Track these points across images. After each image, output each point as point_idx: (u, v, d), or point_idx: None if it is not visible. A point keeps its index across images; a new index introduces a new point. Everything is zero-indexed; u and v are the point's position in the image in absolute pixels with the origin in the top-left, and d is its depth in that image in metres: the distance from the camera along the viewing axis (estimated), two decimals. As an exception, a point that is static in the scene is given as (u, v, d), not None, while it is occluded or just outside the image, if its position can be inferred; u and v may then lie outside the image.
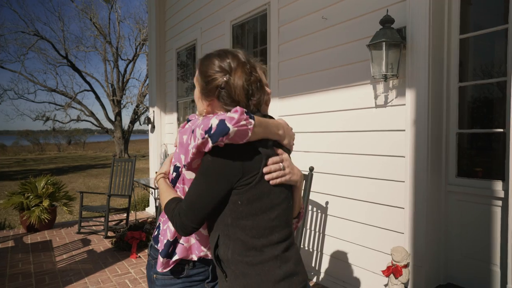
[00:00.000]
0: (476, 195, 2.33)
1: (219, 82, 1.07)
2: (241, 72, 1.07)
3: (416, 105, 2.38)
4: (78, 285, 3.18)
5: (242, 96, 1.07)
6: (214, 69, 1.08)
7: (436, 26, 2.37)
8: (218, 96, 1.08)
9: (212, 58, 1.10)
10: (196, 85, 1.17)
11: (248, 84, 1.07)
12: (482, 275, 2.30)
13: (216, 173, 1.02)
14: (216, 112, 1.11)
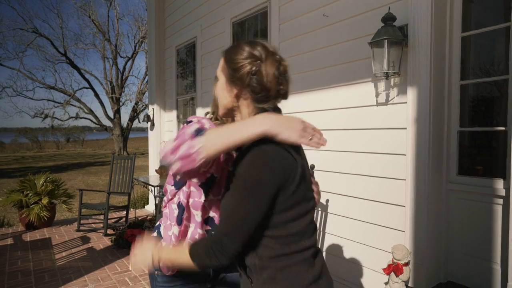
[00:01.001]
0: (477, 193, 2.32)
1: (251, 68, 1.01)
2: (271, 59, 1.03)
3: (417, 103, 2.38)
4: (77, 283, 3.18)
5: (273, 83, 1.02)
6: (244, 55, 1.03)
7: (438, 24, 2.36)
8: (248, 83, 1.02)
9: (242, 46, 1.06)
10: (220, 76, 1.09)
11: (278, 73, 1.04)
12: (482, 273, 2.30)
13: (258, 184, 0.93)
14: (238, 109, 1.06)
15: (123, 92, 22.54)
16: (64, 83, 30.75)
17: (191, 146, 0.92)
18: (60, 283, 3.18)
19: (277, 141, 0.96)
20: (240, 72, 1.02)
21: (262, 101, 1.04)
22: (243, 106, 1.07)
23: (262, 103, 1.04)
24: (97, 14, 23.64)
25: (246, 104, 1.06)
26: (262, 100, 1.03)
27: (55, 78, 31.78)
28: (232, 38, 4.34)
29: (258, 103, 1.04)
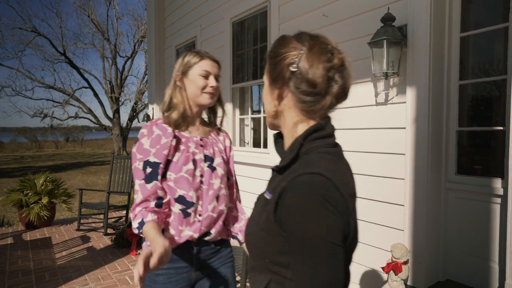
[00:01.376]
0: (476, 192, 2.34)
1: (291, 59, 0.80)
2: (319, 48, 0.80)
3: (416, 103, 2.39)
4: (78, 282, 3.19)
5: (321, 78, 0.78)
6: (286, 46, 0.82)
7: (437, 24, 2.38)
8: (289, 78, 0.80)
9: (286, 37, 0.86)
10: (265, 79, 0.90)
11: (329, 65, 0.79)
12: (480, 271, 2.32)
13: (318, 243, 0.70)
14: (282, 115, 0.86)
15: (123, 92, 22.52)
16: (63, 82, 30.76)
17: (136, 219, 1.26)
18: (60, 282, 3.19)
19: None
20: (279, 66, 0.81)
21: (309, 101, 0.80)
22: (287, 110, 0.85)
23: (307, 105, 0.81)
24: (96, 14, 23.63)
25: (289, 108, 0.84)
26: (306, 100, 0.80)
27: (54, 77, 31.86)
28: (232, 38, 4.35)
29: (302, 104, 0.81)
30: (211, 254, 1.40)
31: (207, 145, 1.42)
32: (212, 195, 1.36)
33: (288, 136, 0.86)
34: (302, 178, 0.73)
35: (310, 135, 0.81)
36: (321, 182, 0.72)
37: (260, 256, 0.83)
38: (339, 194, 0.72)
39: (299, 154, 0.80)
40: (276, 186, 0.79)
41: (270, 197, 0.81)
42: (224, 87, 4.47)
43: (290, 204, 0.72)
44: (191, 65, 1.37)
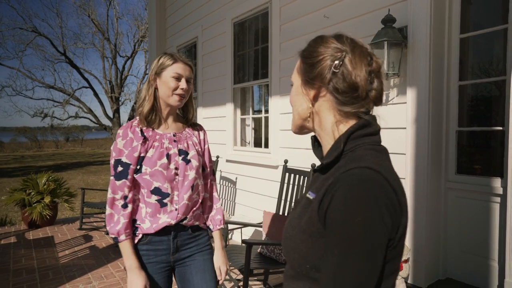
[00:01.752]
0: (475, 191, 2.37)
1: (333, 60, 0.79)
2: (360, 51, 0.80)
3: (417, 104, 2.42)
4: (81, 280, 3.22)
5: (363, 80, 0.78)
6: (326, 46, 0.81)
7: (437, 26, 2.41)
8: (330, 80, 0.79)
9: (324, 37, 0.84)
10: (295, 79, 0.88)
11: (370, 69, 0.79)
12: (480, 270, 2.35)
13: (371, 236, 0.67)
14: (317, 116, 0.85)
15: (123, 92, 22.53)
16: (63, 82, 30.75)
17: (112, 233, 1.40)
18: (64, 280, 3.22)
19: None
20: (319, 67, 0.80)
21: (348, 103, 0.80)
22: (323, 111, 0.83)
23: (347, 106, 0.80)
24: (97, 14, 23.63)
25: (326, 108, 0.82)
26: (347, 102, 0.80)
27: (55, 77, 31.89)
28: (233, 39, 4.38)
29: (342, 106, 0.80)
30: (188, 239, 1.52)
31: (181, 140, 1.52)
32: (188, 185, 1.48)
33: (327, 137, 0.84)
34: (351, 172, 0.71)
35: (354, 132, 0.79)
36: (371, 176, 0.70)
37: (300, 262, 0.79)
38: (390, 188, 0.70)
39: (343, 152, 0.78)
40: (321, 185, 0.78)
41: (314, 197, 0.79)
42: (226, 87, 4.50)
43: (338, 199, 0.69)
44: (165, 67, 1.46)
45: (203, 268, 1.54)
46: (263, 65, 4.05)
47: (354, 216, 0.66)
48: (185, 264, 1.53)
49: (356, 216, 0.66)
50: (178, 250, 1.50)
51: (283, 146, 3.62)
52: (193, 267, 1.52)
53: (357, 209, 0.67)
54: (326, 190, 0.73)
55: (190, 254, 1.53)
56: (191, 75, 1.50)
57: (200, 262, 1.54)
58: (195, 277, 1.52)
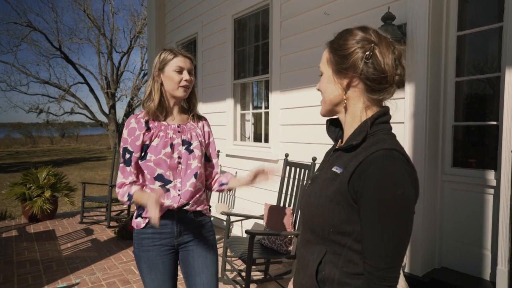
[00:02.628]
0: (470, 184, 2.46)
1: (364, 51, 0.89)
2: (386, 42, 0.91)
3: (415, 99, 2.50)
4: (85, 272, 3.27)
5: (391, 67, 0.89)
6: (356, 39, 0.92)
7: (435, 23, 2.49)
8: (362, 70, 0.90)
9: (351, 30, 0.95)
10: (325, 69, 0.98)
11: (394, 57, 0.90)
12: (474, 259, 2.45)
13: (409, 205, 0.84)
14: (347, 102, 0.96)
15: (118, 88, 22.43)
16: (58, 78, 30.48)
17: (124, 195, 1.51)
18: (68, 271, 3.28)
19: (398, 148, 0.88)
20: (351, 58, 0.91)
21: (377, 90, 0.91)
22: (354, 98, 0.94)
23: (376, 93, 0.92)
24: (92, 8, 23.45)
25: (357, 95, 0.94)
26: (376, 89, 0.91)
27: (50, 72, 31.74)
28: (233, 35, 4.43)
29: (371, 93, 0.92)
30: (190, 224, 1.60)
31: (185, 131, 1.61)
32: (190, 173, 1.57)
33: (352, 121, 0.96)
34: (383, 152, 0.85)
35: (377, 119, 0.92)
36: (400, 156, 0.85)
37: (323, 226, 0.93)
38: (412, 167, 0.87)
39: (367, 135, 0.91)
40: (348, 161, 0.91)
41: (341, 171, 0.91)
42: (226, 83, 4.56)
43: (376, 175, 0.83)
44: (166, 62, 1.55)
45: (204, 254, 1.61)
46: (263, 61, 4.10)
47: (395, 189, 0.81)
48: (187, 248, 1.60)
49: (397, 189, 0.81)
50: (181, 234, 1.58)
51: (283, 140, 3.69)
52: (195, 252, 1.60)
53: (396, 184, 0.82)
54: (357, 167, 0.87)
55: (193, 238, 1.61)
56: (191, 66, 1.60)
57: (202, 247, 1.61)
58: (197, 261, 1.60)
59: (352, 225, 0.88)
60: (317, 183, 1.01)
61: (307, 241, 1.01)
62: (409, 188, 0.83)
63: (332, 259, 0.92)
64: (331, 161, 1.02)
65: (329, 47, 0.98)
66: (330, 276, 0.93)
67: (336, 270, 0.92)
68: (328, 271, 0.93)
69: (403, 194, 0.82)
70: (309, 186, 1.07)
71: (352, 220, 0.88)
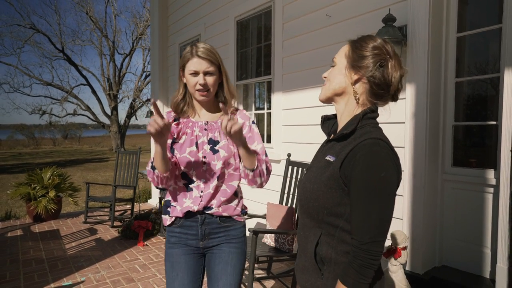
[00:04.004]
0: (470, 183, 2.50)
1: (379, 59, 1.01)
2: (398, 59, 1.03)
3: (415, 99, 2.54)
4: (90, 270, 3.32)
5: (396, 81, 1.02)
6: (375, 46, 1.02)
7: (435, 25, 2.53)
8: (373, 74, 1.01)
9: (374, 37, 1.06)
10: (340, 61, 1.09)
11: (401, 75, 1.02)
12: (474, 257, 2.48)
13: (388, 185, 0.95)
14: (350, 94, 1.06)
15: (121, 89, 22.56)
16: (61, 79, 30.72)
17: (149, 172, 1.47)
18: (73, 270, 3.32)
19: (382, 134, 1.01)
20: (367, 60, 1.02)
21: (377, 95, 1.03)
22: (359, 93, 1.05)
23: (375, 97, 1.04)
24: (95, 11, 23.59)
25: (360, 92, 1.05)
26: (378, 94, 1.03)
27: (52, 74, 31.65)
28: (236, 36, 4.48)
29: (372, 95, 1.04)
30: (217, 228, 1.53)
31: (213, 129, 1.53)
32: (214, 175, 1.50)
33: (346, 114, 1.08)
34: (370, 141, 0.96)
35: (367, 114, 1.04)
36: (384, 144, 0.97)
37: (318, 209, 1.04)
38: (396, 154, 0.99)
39: (357, 127, 1.02)
40: (340, 150, 1.03)
41: (334, 159, 1.03)
42: (228, 84, 4.59)
43: (364, 160, 0.94)
44: (184, 63, 1.49)
45: (226, 260, 1.53)
46: (265, 63, 4.15)
47: (380, 172, 0.93)
48: (212, 252, 1.55)
49: (381, 172, 0.93)
50: (206, 237, 1.53)
51: (286, 141, 3.73)
52: (217, 256, 1.54)
53: (381, 167, 0.94)
54: (347, 154, 0.98)
55: (218, 243, 1.54)
56: (209, 67, 1.47)
57: (225, 253, 1.54)
58: (217, 266, 1.53)
59: (344, 207, 1.00)
60: (311, 171, 1.12)
61: (304, 225, 1.12)
62: (392, 172, 0.94)
63: (327, 240, 1.03)
64: (324, 152, 1.13)
65: (351, 44, 1.09)
66: (327, 256, 1.03)
67: (331, 250, 1.02)
68: (324, 252, 1.03)
69: (387, 176, 0.93)
70: (304, 175, 1.18)
71: (343, 203, 0.99)
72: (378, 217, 0.93)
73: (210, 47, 1.51)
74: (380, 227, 0.94)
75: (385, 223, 0.94)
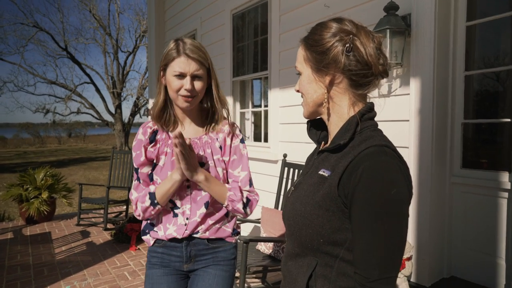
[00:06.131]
0: (481, 186, 2.27)
1: (344, 44, 0.81)
2: (364, 31, 0.84)
3: (420, 95, 2.32)
4: (76, 277, 3.16)
5: (374, 57, 0.82)
6: (332, 32, 0.83)
7: (442, 13, 2.30)
8: (345, 65, 0.82)
9: (326, 23, 0.86)
10: (303, 68, 0.90)
11: (375, 46, 0.83)
12: (486, 268, 2.26)
13: (404, 206, 0.75)
14: (331, 101, 0.88)
15: (124, 87, 22.46)
16: (65, 78, 30.70)
17: (144, 200, 1.29)
18: (59, 277, 3.16)
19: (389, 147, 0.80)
20: (331, 53, 0.82)
21: (362, 84, 0.84)
22: (338, 95, 0.86)
23: (361, 88, 0.85)
24: (98, 9, 23.53)
25: (341, 92, 0.86)
26: (361, 83, 0.84)
27: (56, 73, 31.70)
28: (232, 30, 4.28)
29: (357, 88, 0.85)
30: (204, 250, 1.36)
31: (196, 147, 1.31)
32: (201, 201, 1.31)
33: (337, 120, 0.88)
34: (373, 149, 0.77)
35: (364, 114, 0.85)
36: (392, 153, 0.78)
37: (312, 237, 0.82)
38: (405, 164, 0.79)
39: (355, 133, 0.83)
40: (336, 162, 0.82)
41: (329, 174, 0.82)
42: (224, 80, 4.41)
43: (368, 174, 0.74)
44: (168, 61, 1.25)
45: (210, 283, 1.34)
46: (262, 58, 3.95)
47: (389, 189, 0.73)
48: (196, 274, 1.37)
49: (391, 189, 0.73)
50: (191, 260, 1.35)
51: (283, 140, 3.53)
52: (202, 279, 1.35)
53: (390, 183, 0.73)
54: (346, 167, 0.78)
55: (205, 266, 1.37)
56: (199, 69, 1.24)
57: (210, 275, 1.35)
58: None
59: (344, 233, 0.79)
60: (301, 189, 0.90)
61: (294, 254, 0.90)
62: (403, 188, 0.75)
63: (324, 272, 0.83)
64: (316, 164, 0.92)
65: (304, 43, 0.90)
66: None
67: (329, 285, 0.82)
68: (320, 287, 0.83)
69: (397, 194, 0.74)
70: (292, 193, 0.94)
71: (344, 228, 0.79)
72: (389, 246, 0.73)
73: (200, 45, 1.28)
74: (392, 259, 0.74)
75: (397, 253, 0.74)
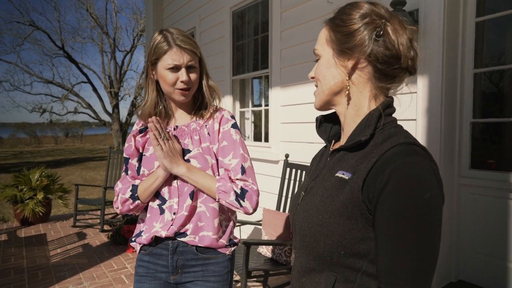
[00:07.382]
0: (491, 188, 2.20)
1: (374, 27, 0.73)
2: (398, 19, 0.75)
3: (428, 93, 2.25)
4: (72, 281, 3.06)
5: (405, 48, 0.73)
6: (362, 13, 0.75)
7: (451, 8, 2.23)
8: (372, 50, 0.73)
9: (357, 3, 0.77)
10: (323, 51, 0.81)
11: (409, 38, 0.75)
12: (496, 272, 2.19)
13: (438, 213, 0.66)
14: (349, 91, 0.77)
15: (122, 87, 22.32)
16: (62, 77, 30.51)
17: (125, 192, 1.26)
18: (54, 281, 3.07)
19: None
20: (358, 35, 0.74)
21: (388, 75, 0.75)
22: (359, 84, 0.77)
23: (386, 80, 0.76)
24: (95, 7, 23.36)
25: (363, 81, 0.77)
26: (387, 73, 0.75)
27: (53, 72, 31.24)
28: (232, 28, 4.19)
29: (381, 79, 0.76)
30: (192, 260, 1.23)
31: (183, 135, 1.26)
32: (186, 192, 1.21)
33: (356, 114, 0.79)
34: (401, 148, 0.68)
35: (386, 109, 0.76)
36: (422, 152, 0.69)
37: (332, 249, 0.72)
38: (436, 164, 0.70)
39: (376, 129, 0.75)
40: (357, 163, 0.73)
41: (350, 176, 0.73)
42: (224, 79, 4.32)
43: (398, 176, 0.65)
44: (158, 55, 1.20)
45: None
46: (263, 56, 3.86)
47: (422, 193, 0.64)
48: (184, 281, 1.26)
49: (424, 193, 0.64)
50: (178, 270, 1.24)
51: (284, 140, 3.45)
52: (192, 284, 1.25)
53: (423, 186, 0.65)
54: (371, 169, 0.69)
55: (194, 279, 1.24)
56: (192, 59, 1.21)
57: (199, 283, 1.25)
58: None
59: (368, 242, 0.70)
60: (315, 194, 0.80)
61: (309, 269, 0.79)
62: (437, 191, 0.66)
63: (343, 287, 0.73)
64: (330, 165, 0.82)
65: (330, 23, 0.81)
66: None
67: None
68: None
69: (432, 199, 0.65)
70: (304, 199, 0.83)
71: (367, 237, 0.70)
72: (421, 257, 0.64)
73: (188, 34, 1.24)
74: (423, 273, 0.65)
75: (430, 266, 0.65)
